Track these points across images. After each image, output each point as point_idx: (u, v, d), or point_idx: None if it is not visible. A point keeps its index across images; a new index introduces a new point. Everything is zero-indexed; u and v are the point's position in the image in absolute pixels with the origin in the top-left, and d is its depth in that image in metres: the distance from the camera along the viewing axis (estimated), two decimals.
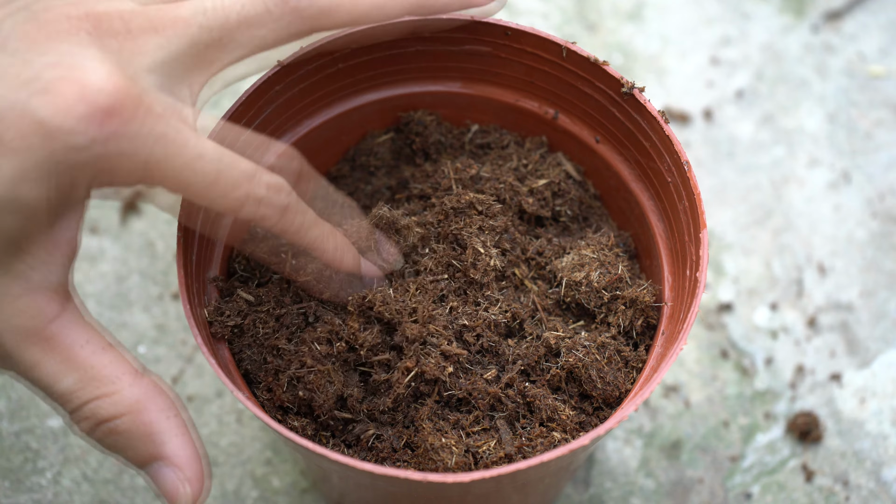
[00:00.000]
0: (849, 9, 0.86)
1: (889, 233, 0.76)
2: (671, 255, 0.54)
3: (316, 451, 0.45)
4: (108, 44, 0.43)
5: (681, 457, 0.68)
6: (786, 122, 0.81)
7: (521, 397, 0.51)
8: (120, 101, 0.41)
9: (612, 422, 0.46)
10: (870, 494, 0.67)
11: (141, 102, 0.42)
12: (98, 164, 0.41)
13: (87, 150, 0.41)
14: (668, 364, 0.47)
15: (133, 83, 0.42)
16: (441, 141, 0.59)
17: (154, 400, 0.46)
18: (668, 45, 0.85)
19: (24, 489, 0.65)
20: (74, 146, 0.40)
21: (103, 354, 0.45)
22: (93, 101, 0.40)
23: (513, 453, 0.49)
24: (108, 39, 0.43)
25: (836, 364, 0.71)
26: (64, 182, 0.41)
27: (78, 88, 0.40)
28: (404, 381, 0.50)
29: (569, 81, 0.56)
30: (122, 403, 0.45)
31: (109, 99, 0.41)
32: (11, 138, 0.40)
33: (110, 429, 0.45)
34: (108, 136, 0.41)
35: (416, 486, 0.46)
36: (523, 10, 0.86)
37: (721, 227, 0.76)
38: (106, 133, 0.41)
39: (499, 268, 0.54)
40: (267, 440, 0.67)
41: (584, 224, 0.58)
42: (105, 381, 0.45)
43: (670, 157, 0.53)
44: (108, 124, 0.41)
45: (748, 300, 0.73)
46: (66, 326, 0.45)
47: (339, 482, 0.55)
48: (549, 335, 0.52)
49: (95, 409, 0.45)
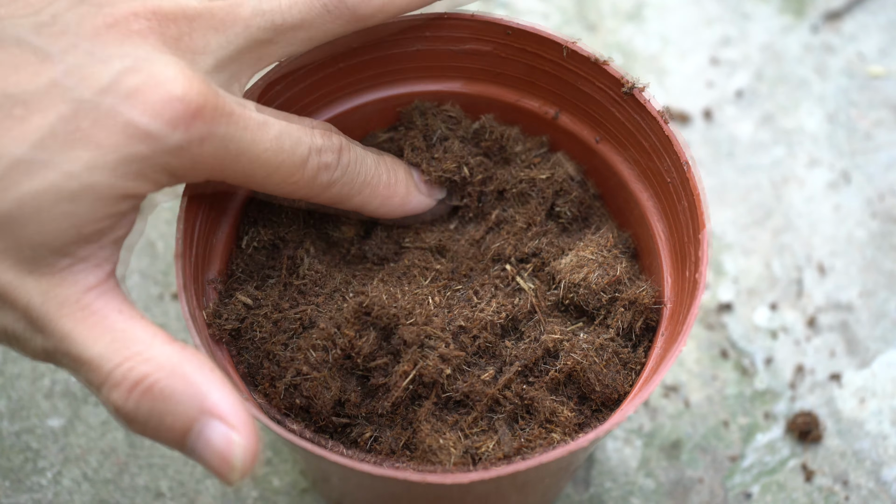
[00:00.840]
0: (848, 9, 0.86)
1: (889, 233, 0.76)
2: (671, 255, 0.54)
3: (315, 453, 0.45)
4: (175, 43, 0.45)
5: (681, 457, 0.68)
6: (786, 122, 0.81)
7: (520, 398, 0.51)
8: (201, 104, 0.43)
9: (611, 423, 0.46)
10: (869, 494, 0.67)
11: (217, 103, 0.44)
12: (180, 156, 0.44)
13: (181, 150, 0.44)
14: (667, 365, 0.47)
15: (208, 85, 0.44)
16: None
17: (190, 358, 0.44)
18: (668, 45, 0.85)
19: (25, 489, 0.65)
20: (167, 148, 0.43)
21: (137, 321, 0.45)
22: (178, 105, 0.43)
23: (512, 454, 0.49)
24: (175, 39, 0.45)
25: (835, 364, 0.71)
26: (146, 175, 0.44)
27: (163, 93, 0.43)
28: (402, 385, 0.50)
29: (570, 81, 0.56)
30: (157, 360, 0.43)
31: (192, 103, 0.43)
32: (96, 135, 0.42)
33: (146, 388, 0.42)
34: (198, 138, 0.44)
35: (416, 487, 0.46)
36: (523, 10, 0.86)
37: (721, 227, 0.76)
38: (194, 134, 0.44)
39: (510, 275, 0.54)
40: (267, 440, 0.67)
41: (583, 224, 0.58)
42: (138, 342, 0.44)
43: (670, 156, 0.53)
44: (194, 127, 0.43)
45: (748, 300, 0.73)
46: (104, 295, 0.45)
47: (338, 483, 0.55)
48: (547, 337, 0.52)
49: (129, 370, 0.43)
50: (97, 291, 0.44)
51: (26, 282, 0.43)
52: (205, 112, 0.44)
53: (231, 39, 0.47)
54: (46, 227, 0.42)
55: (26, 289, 0.43)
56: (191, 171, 0.45)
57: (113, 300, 0.45)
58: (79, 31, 0.43)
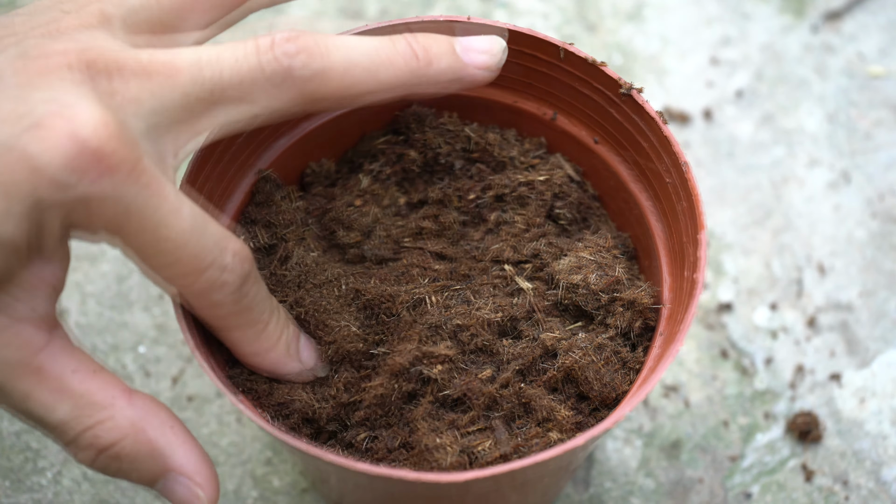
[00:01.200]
0: (848, 9, 0.86)
1: (889, 233, 0.76)
2: (670, 255, 0.54)
3: (311, 453, 0.45)
4: (101, 85, 0.42)
5: (681, 457, 0.68)
6: (786, 122, 0.81)
7: (518, 397, 0.51)
8: (109, 146, 0.40)
9: (610, 422, 0.46)
10: (869, 494, 0.67)
11: (136, 165, 0.41)
12: (77, 206, 0.41)
13: (70, 189, 0.40)
14: (665, 365, 0.47)
15: (123, 129, 0.41)
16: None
17: (152, 416, 0.45)
18: (668, 46, 0.85)
19: (25, 489, 0.65)
20: (59, 184, 0.40)
21: (94, 379, 0.45)
22: (83, 142, 0.40)
23: (509, 453, 0.50)
24: (102, 81, 0.42)
25: (835, 364, 0.71)
26: (45, 220, 0.41)
27: (70, 128, 0.40)
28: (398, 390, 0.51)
29: (567, 82, 0.56)
30: (120, 427, 0.44)
31: (99, 142, 0.40)
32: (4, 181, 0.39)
33: (113, 455, 0.45)
34: (92, 179, 0.40)
35: (414, 486, 0.46)
36: (523, 10, 0.86)
37: (721, 227, 0.76)
38: (91, 176, 0.40)
39: (510, 274, 0.54)
40: (267, 440, 0.67)
41: (582, 225, 0.58)
42: (100, 407, 0.44)
43: (669, 157, 0.53)
44: (94, 168, 0.40)
45: (748, 300, 0.73)
46: (55, 355, 0.44)
47: (337, 483, 0.55)
48: (546, 336, 0.52)
49: (94, 437, 0.44)
50: (47, 353, 0.44)
51: None
52: (117, 171, 0.40)
53: (163, 88, 0.43)
54: None
55: None
56: (86, 225, 0.42)
57: (64, 358, 0.44)
58: (9, 79, 0.41)
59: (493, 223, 0.56)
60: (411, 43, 0.48)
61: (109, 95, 0.42)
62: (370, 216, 0.56)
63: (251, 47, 0.45)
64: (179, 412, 0.68)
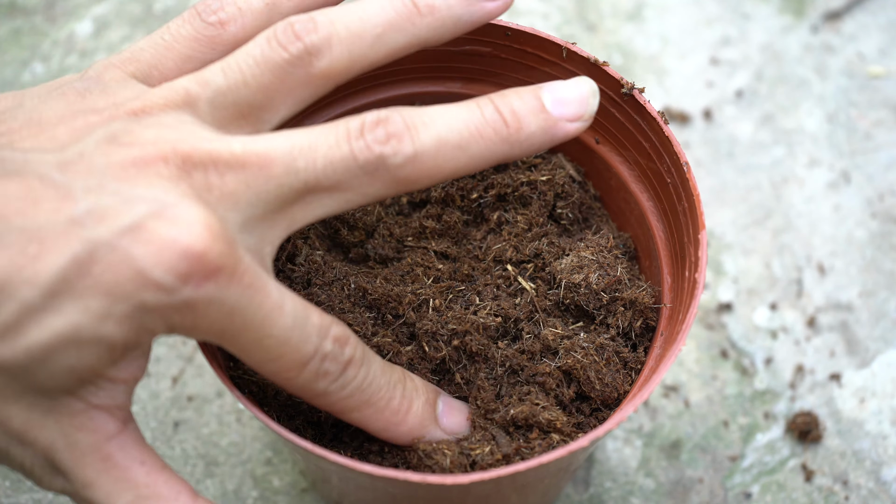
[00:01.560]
0: (848, 9, 0.86)
1: (889, 233, 0.76)
2: (670, 255, 0.54)
3: (315, 453, 0.45)
4: (197, 181, 0.42)
5: (680, 457, 0.68)
6: (785, 122, 0.81)
7: (518, 397, 0.51)
8: (213, 250, 0.40)
9: (611, 423, 0.46)
10: (869, 494, 0.67)
11: (237, 268, 0.41)
12: (180, 309, 0.41)
13: (174, 293, 0.40)
14: (666, 365, 0.47)
15: (224, 229, 0.41)
16: None
17: None
18: (668, 46, 0.85)
19: (25, 489, 0.65)
20: (163, 289, 0.40)
21: (161, 474, 0.44)
22: (187, 247, 0.40)
23: (511, 455, 0.49)
24: (198, 176, 0.42)
25: (835, 364, 0.71)
26: (145, 322, 0.41)
27: (174, 232, 0.40)
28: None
29: None
30: None
31: (203, 246, 0.40)
32: (107, 281, 0.39)
33: None
34: (197, 284, 0.40)
35: (416, 488, 0.46)
36: (523, 10, 0.86)
37: (721, 228, 0.76)
38: (196, 281, 0.40)
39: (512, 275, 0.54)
40: (267, 440, 0.67)
41: (583, 225, 0.58)
42: (163, 499, 0.44)
43: (669, 157, 0.53)
44: (198, 272, 0.40)
45: (748, 300, 0.73)
46: (125, 446, 0.44)
47: (338, 483, 0.55)
48: (547, 333, 0.52)
49: None
50: (118, 442, 0.44)
51: (46, 423, 0.42)
52: (221, 274, 0.41)
53: (261, 195, 0.43)
54: (56, 374, 0.41)
55: (48, 430, 0.42)
56: (189, 329, 0.42)
57: (134, 450, 0.44)
58: (105, 171, 0.41)
59: (496, 223, 0.56)
60: (499, 106, 0.46)
61: (207, 191, 0.42)
62: (373, 215, 0.56)
63: (342, 133, 0.44)
64: (179, 412, 0.68)
